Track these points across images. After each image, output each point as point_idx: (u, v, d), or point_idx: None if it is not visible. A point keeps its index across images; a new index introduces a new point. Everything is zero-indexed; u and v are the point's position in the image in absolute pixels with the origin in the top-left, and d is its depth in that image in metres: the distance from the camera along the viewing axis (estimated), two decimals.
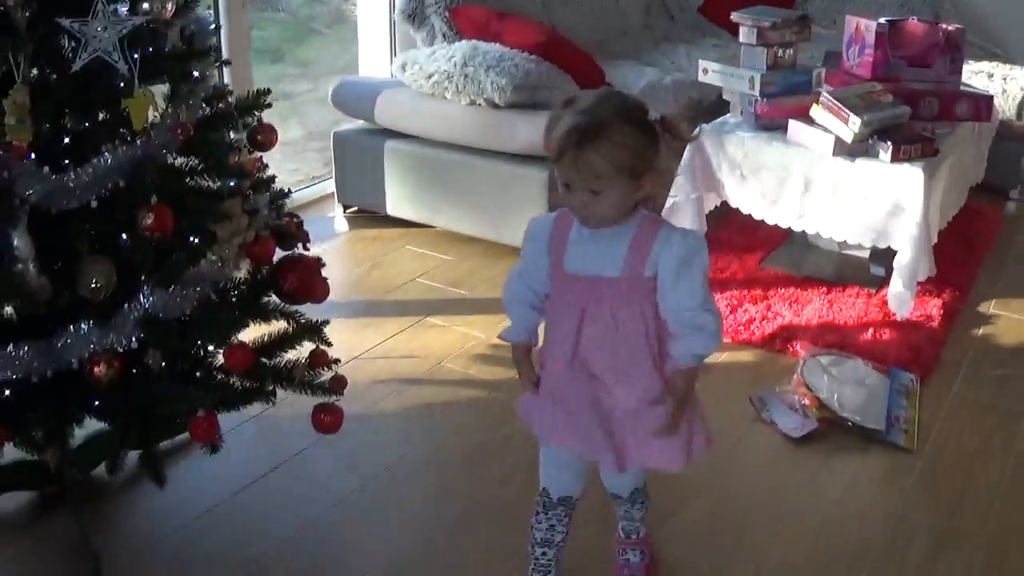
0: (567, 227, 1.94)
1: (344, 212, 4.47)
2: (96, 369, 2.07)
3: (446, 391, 3.16)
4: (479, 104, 3.88)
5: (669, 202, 3.56)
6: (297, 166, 5.29)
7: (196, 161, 2.32)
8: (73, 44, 2.10)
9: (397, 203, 4.24)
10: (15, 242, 2.01)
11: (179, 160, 2.29)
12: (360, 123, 4.35)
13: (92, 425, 2.42)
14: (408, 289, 3.82)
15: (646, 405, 1.97)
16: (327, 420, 2.45)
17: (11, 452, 2.36)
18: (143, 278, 2.13)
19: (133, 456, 2.70)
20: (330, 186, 4.54)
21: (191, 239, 2.25)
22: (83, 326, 2.07)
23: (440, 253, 4.10)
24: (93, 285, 2.08)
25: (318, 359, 2.48)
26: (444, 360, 3.30)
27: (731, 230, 4.02)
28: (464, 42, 4.10)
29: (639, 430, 1.99)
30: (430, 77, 3.95)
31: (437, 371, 3.25)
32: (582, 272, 1.93)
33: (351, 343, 3.33)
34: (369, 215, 4.40)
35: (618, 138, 1.79)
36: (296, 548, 2.48)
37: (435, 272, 3.94)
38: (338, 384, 2.51)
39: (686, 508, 2.63)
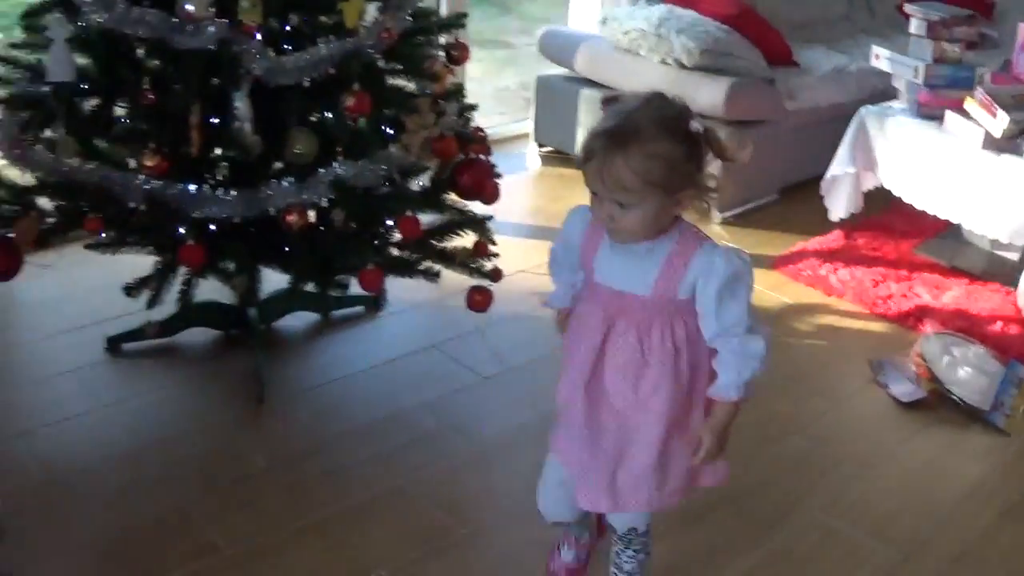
0: (601, 232, 1.78)
1: (538, 150, 4.83)
2: (289, 218, 2.49)
3: None
4: (668, 63, 4.18)
5: (828, 175, 3.78)
6: (504, 111, 5.67)
7: (397, 63, 2.72)
8: None
9: None
10: (237, 104, 2.44)
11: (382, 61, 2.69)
12: (562, 70, 4.70)
13: (276, 285, 2.88)
14: None
15: (667, 441, 1.83)
16: (478, 299, 2.83)
17: (205, 293, 2.83)
18: (339, 150, 2.54)
19: (308, 318, 3.16)
20: (529, 126, 4.91)
21: (383, 127, 2.65)
22: (284, 182, 2.49)
23: None
24: (297, 150, 2.50)
25: (480, 248, 2.86)
26: None
27: (893, 214, 4.18)
28: (662, 5, 4.40)
29: (640, 465, 1.85)
30: (627, 33, 4.27)
31: None
32: (611, 285, 1.79)
33: (519, 258, 3.64)
34: (560, 155, 4.74)
35: (651, 148, 1.62)
36: (437, 411, 2.86)
37: None
38: (495, 274, 2.88)
39: (785, 441, 2.87)
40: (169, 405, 2.85)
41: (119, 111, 2.58)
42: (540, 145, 4.82)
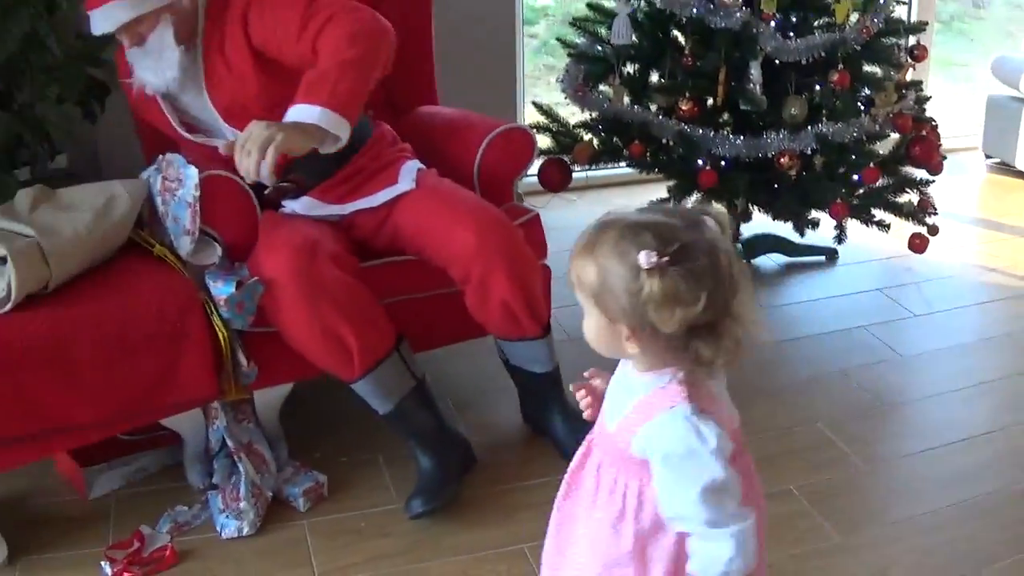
0: None
1: (986, 160, 5.40)
2: (782, 160, 3.34)
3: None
4: None
5: None
6: (959, 123, 6.23)
7: (871, 53, 3.51)
8: None
9: None
10: (752, 71, 3.33)
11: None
12: (1011, 91, 5.26)
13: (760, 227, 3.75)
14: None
15: None
16: (918, 243, 3.56)
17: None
18: (823, 113, 3.37)
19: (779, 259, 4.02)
20: (979, 139, 5.47)
21: (857, 100, 3.46)
22: (780, 133, 3.35)
23: None
24: (792, 111, 3.35)
25: (923, 204, 3.58)
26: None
27: None
28: None
29: None
30: None
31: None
32: (606, 399, 1.62)
33: (964, 247, 4.28)
34: (1005, 166, 5.28)
35: (601, 260, 1.43)
36: (877, 334, 3.60)
37: None
38: (933, 229, 3.59)
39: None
40: None
41: (660, 70, 3.55)
42: (987, 156, 5.39)
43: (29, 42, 3.03)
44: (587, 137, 3.68)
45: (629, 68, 3.63)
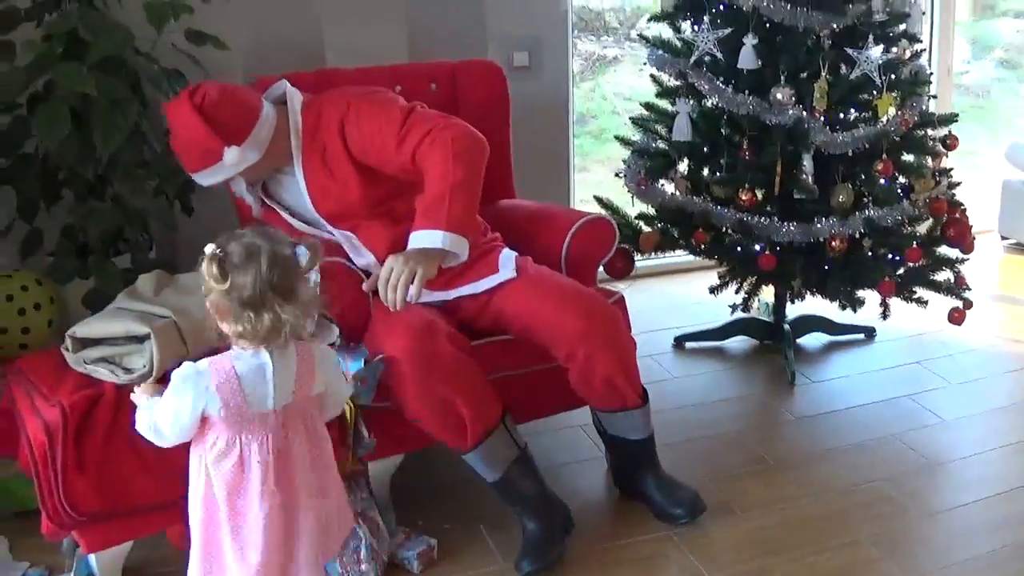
0: None
1: (1002, 241, 5.70)
2: (834, 243, 3.61)
3: None
4: None
5: None
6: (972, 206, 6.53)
7: (909, 144, 3.80)
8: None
9: None
10: (804, 162, 3.61)
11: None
12: None
13: (803, 309, 4.03)
14: None
15: None
16: (956, 316, 3.81)
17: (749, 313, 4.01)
18: (868, 199, 3.65)
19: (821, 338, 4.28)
20: (995, 221, 5.76)
21: (899, 187, 3.74)
22: (831, 219, 3.62)
23: None
24: (841, 198, 3.62)
25: (959, 281, 3.85)
26: None
27: None
28: None
29: None
30: None
31: None
32: None
33: (985, 319, 4.58)
34: (1021, 247, 5.60)
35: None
36: (914, 404, 3.85)
37: None
38: (967, 303, 3.85)
39: None
40: (722, 380, 4.05)
41: (719, 163, 3.83)
42: (1003, 237, 5.68)
43: (131, 137, 3.29)
44: (646, 228, 3.95)
45: (687, 162, 3.93)
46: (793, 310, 4.27)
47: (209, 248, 2.10)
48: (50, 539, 2.53)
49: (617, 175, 4.07)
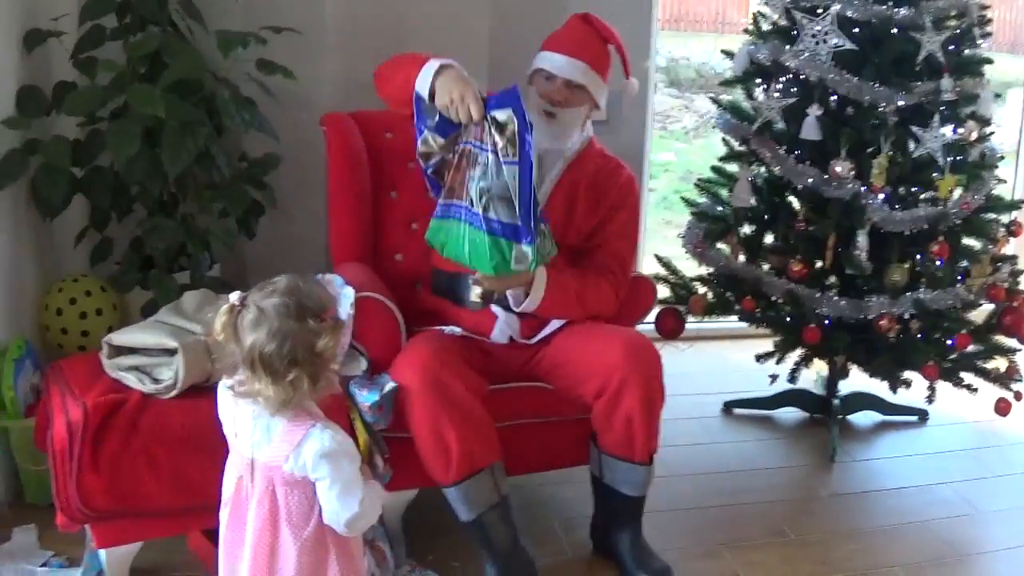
0: None
1: None
2: (882, 323, 3.56)
3: None
4: None
5: None
6: None
7: (970, 227, 3.74)
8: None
9: None
10: (859, 238, 3.58)
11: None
12: None
13: (857, 386, 3.99)
14: None
15: None
16: (1003, 406, 3.72)
17: (800, 383, 3.98)
18: (922, 280, 3.60)
19: (873, 417, 4.22)
20: None
21: (955, 270, 3.68)
22: (881, 297, 3.58)
23: None
24: (895, 278, 3.58)
25: (1010, 371, 3.77)
26: None
27: None
28: None
29: None
30: None
31: None
32: None
33: None
34: None
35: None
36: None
37: None
38: (1019, 395, 3.76)
39: None
40: (763, 449, 4.02)
41: (774, 232, 3.83)
42: None
43: (201, 159, 3.43)
44: (702, 290, 3.96)
45: (746, 228, 3.93)
46: (847, 386, 4.22)
47: (233, 296, 2.14)
48: (63, 530, 2.62)
49: (679, 236, 4.10)
